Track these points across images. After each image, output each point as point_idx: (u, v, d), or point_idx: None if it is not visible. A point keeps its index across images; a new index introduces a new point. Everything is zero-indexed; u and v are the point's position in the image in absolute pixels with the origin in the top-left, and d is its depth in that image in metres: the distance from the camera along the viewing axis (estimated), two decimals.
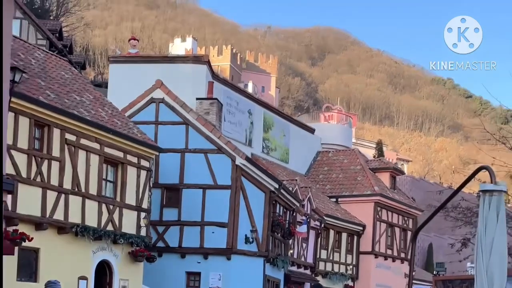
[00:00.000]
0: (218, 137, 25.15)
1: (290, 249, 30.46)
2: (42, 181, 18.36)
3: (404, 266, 39.70)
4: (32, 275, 18.29)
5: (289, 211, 29.23)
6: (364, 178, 37.57)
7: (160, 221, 25.02)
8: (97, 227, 19.98)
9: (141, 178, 21.93)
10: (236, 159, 24.91)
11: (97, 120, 20.36)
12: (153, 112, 25.35)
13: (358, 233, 36.53)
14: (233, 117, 31.73)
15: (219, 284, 24.61)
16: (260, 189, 25.63)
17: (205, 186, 25.03)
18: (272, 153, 35.54)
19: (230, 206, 24.83)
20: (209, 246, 24.76)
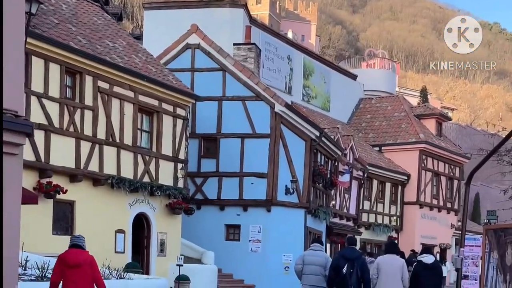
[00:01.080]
0: (256, 83, 24.15)
1: (332, 200, 29.59)
2: (75, 131, 17.67)
3: (450, 216, 38.66)
4: (68, 228, 17.75)
5: (330, 160, 28.26)
6: (408, 125, 36.28)
7: (198, 172, 24.32)
8: (133, 178, 19.31)
9: (177, 127, 21.13)
10: (275, 106, 23.93)
11: (131, 67, 19.49)
12: (189, 59, 24.43)
13: (402, 182, 35.45)
14: (272, 63, 30.57)
15: (259, 237, 23.94)
16: (301, 138, 24.66)
17: (244, 135, 24.17)
18: (313, 101, 34.37)
19: (269, 156, 23.99)
20: (248, 198, 24.06)
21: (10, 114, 7.22)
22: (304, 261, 12.97)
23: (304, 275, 12.89)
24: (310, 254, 13.14)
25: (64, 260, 8.49)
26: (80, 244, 8.70)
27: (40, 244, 16.27)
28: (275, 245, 23.83)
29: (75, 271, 8.36)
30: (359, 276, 11.88)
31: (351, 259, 12.00)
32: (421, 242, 35.83)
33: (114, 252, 18.70)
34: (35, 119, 16.49)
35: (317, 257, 12.90)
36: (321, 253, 13.16)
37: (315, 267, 12.75)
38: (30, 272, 11.10)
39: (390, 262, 12.08)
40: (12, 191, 7.40)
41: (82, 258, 8.56)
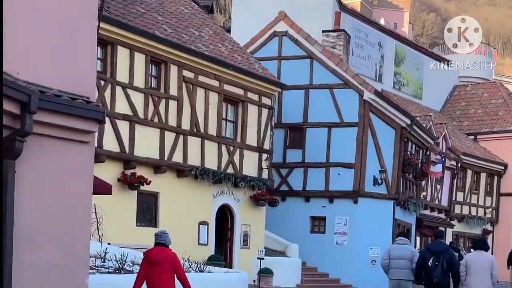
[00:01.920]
0: (345, 70, 23.39)
1: (423, 191, 28.52)
2: (159, 121, 17.54)
3: None
4: (152, 220, 17.72)
5: (422, 149, 27.18)
6: (506, 113, 34.49)
7: (283, 163, 23.86)
8: (217, 169, 19.06)
9: (263, 117, 20.71)
10: (364, 94, 23.12)
11: (216, 56, 19.16)
12: (276, 47, 23.93)
13: (498, 173, 33.81)
14: (362, 50, 29.63)
15: (345, 229, 23.31)
16: (390, 126, 23.75)
17: (331, 124, 23.51)
18: (404, 88, 33.18)
19: (357, 145, 23.27)
20: (334, 189, 23.44)
21: (81, 100, 6.94)
22: (390, 256, 12.92)
23: (391, 269, 12.87)
24: (396, 248, 13.07)
25: (147, 257, 8.97)
26: (163, 242, 8.99)
27: (123, 236, 16.26)
28: (362, 238, 23.17)
29: (157, 267, 8.76)
30: (445, 268, 11.69)
31: (437, 252, 11.83)
32: None
33: (197, 244, 18.55)
34: (120, 110, 16.45)
35: (403, 251, 12.85)
36: (407, 247, 13.09)
37: (402, 261, 12.72)
38: (109, 264, 10.92)
39: (478, 259, 11.84)
40: (84, 180, 7.19)
41: (163, 255, 8.86)
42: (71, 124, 6.93)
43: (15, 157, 6.51)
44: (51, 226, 6.90)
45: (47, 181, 6.87)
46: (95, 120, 7.16)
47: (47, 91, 6.75)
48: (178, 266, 8.95)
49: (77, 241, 7.12)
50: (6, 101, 6.19)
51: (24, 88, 6.40)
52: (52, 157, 6.90)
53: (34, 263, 6.71)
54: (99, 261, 11.07)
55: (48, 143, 6.86)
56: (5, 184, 6.38)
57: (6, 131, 6.38)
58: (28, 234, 6.65)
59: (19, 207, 6.49)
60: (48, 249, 6.87)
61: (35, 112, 6.43)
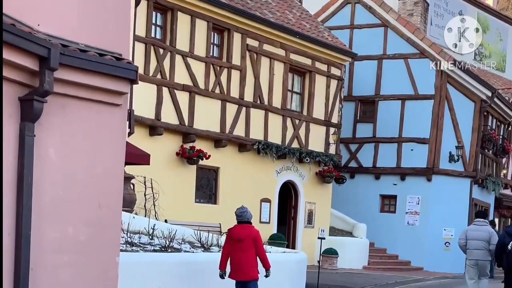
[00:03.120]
0: (421, 39, 21.92)
1: (504, 169, 26.79)
2: (221, 92, 16.69)
3: None
4: (212, 196, 16.98)
5: (503, 124, 25.48)
6: None
7: (352, 138, 22.70)
8: (281, 144, 18.12)
9: (331, 88, 19.58)
10: (441, 64, 21.59)
11: (283, 23, 18.11)
12: (348, 15, 22.65)
13: None
14: (441, 20, 27.80)
15: (417, 209, 22.01)
16: (469, 98, 22.22)
17: (405, 96, 22.16)
18: (486, 60, 31.20)
19: (432, 119, 21.88)
20: (407, 166, 22.16)
21: (110, 56, 6.07)
22: (467, 236, 12.76)
23: (468, 250, 12.74)
24: (473, 229, 12.87)
25: (230, 234, 9.20)
26: (245, 220, 9.16)
27: (181, 213, 15.60)
28: (435, 219, 21.86)
29: (240, 245, 8.96)
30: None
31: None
32: None
33: (259, 222, 17.71)
34: (180, 80, 15.69)
35: (480, 232, 12.64)
36: (485, 228, 12.80)
37: (479, 242, 12.57)
38: (157, 242, 10.15)
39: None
40: (115, 148, 6.35)
41: (245, 233, 9.02)
42: (99, 84, 6.06)
43: (35, 120, 5.72)
44: (77, 198, 6.11)
45: (71, 147, 6.06)
46: (127, 79, 6.28)
47: (71, 45, 5.91)
48: (259, 244, 9.08)
49: (106, 216, 6.31)
50: (22, 56, 5.40)
51: (44, 41, 5.57)
52: (77, 120, 6.06)
53: (57, 238, 5.95)
54: (146, 238, 10.29)
55: (73, 105, 6.02)
56: (21, 148, 5.61)
57: (24, 89, 5.60)
58: (50, 206, 5.88)
59: (39, 175, 5.71)
60: (73, 224, 6.09)
61: (56, 69, 5.60)
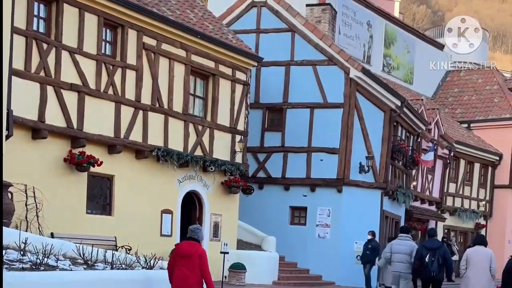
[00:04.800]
0: (329, 45, 21.23)
1: (413, 181, 26.39)
2: (115, 94, 15.28)
3: None
4: (106, 207, 15.47)
5: (412, 135, 25.08)
6: (502, 100, 32.43)
7: (260, 147, 21.73)
8: (182, 151, 16.84)
9: (237, 94, 18.49)
10: (350, 71, 20.95)
11: (183, 22, 16.89)
12: (254, 19, 21.76)
13: (493, 163, 31.76)
14: (349, 29, 27.42)
15: (327, 221, 21.19)
16: (379, 108, 21.65)
17: (313, 104, 21.38)
18: (394, 72, 31.00)
19: (342, 128, 21.17)
20: (317, 177, 21.35)
21: None
22: (392, 250, 14.26)
23: (392, 262, 14.25)
24: (397, 243, 14.37)
25: (177, 249, 9.24)
26: (195, 237, 9.15)
27: (71, 225, 14.10)
28: (346, 231, 21.10)
29: (186, 261, 8.94)
30: (440, 263, 13.36)
31: (433, 249, 13.41)
32: None
33: (159, 235, 16.43)
34: (67, 78, 14.23)
35: (403, 246, 14.13)
36: (408, 242, 14.27)
37: (402, 255, 13.98)
38: (29, 258, 8.62)
39: (478, 253, 12.69)
40: None
41: (192, 250, 8.99)
42: None
43: None
44: None
45: None
46: None
47: None
48: (204, 262, 9.01)
49: None
50: None
51: None
52: None
53: None
54: (16, 254, 8.76)
55: None
56: None
57: None
58: None
59: None
60: None
61: None
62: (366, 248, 19.67)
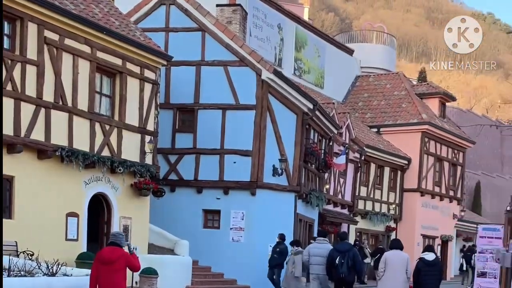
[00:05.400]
0: (241, 46, 20.86)
1: (326, 184, 26.35)
2: (14, 90, 14.34)
3: (453, 205, 35.59)
4: (6, 210, 14.41)
5: (325, 139, 25.05)
6: (409, 105, 33.06)
7: (172, 148, 21.08)
8: (89, 151, 16.01)
9: (146, 92, 17.82)
10: (262, 73, 20.67)
11: (87, 16, 16.12)
12: (163, 17, 21.12)
13: (402, 167, 32.26)
14: (260, 31, 27.21)
15: (241, 224, 20.73)
16: (291, 110, 21.45)
17: (225, 106, 20.92)
18: (305, 75, 31.04)
19: (255, 131, 20.77)
20: (230, 179, 20.84)
21: None
22: (310, 253, 14.73)
23: (311, 265, 14.66)
24: (315, 247, 14.86)
25: (99, 256, 9.10)
26: (117, 242, 9.10)
27: None
28: (261, 235, 20.68)
29: (109, 267, 8.83)
30: (350, 265, 13.93)
31: (343, 252, 14.07)
32: (422, 233, 32.81)
33: (64, 239, 15.54)
34: None
35: (321, 249, 14.57)
36: (325, 245, 14.74)
37: (320, 258, 14.39)
38: None
39: (395, 257, 13.27)
40: None
41: (116, 255, 8.93)
42: None
43: None
44: None
45: None
46: None
47: None
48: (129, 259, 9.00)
49: None
50: None
51: None
52: None
53: None
54: None
55: None
56: None
57: None
58: None
59: None
60: None
61: None
62: (274, 252, 19.39)
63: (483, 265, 14.31)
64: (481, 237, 14.53)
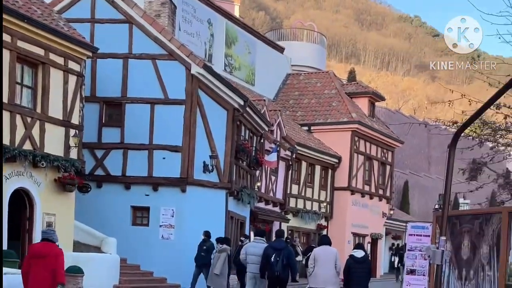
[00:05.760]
0: (170, 39, 20.41)
1: (258, 182, 26.11)
2: None
3: (382, 204, 35.98)
4: None
5: (256, 136, 24.82)
6: (340, 104, 33.22)
7: (98, 143, 20.45)
8: (9, 145, 15.20)
9: (70, 85, 17.11)
10: (191, 67, 20.26)
11: (7, 4, 15.33)
12: (88, 7, 20.44)
13: (333, 166, 32.38)
14: (190, 26, 26.76)
15: (171, 222, 20.26)
16: (222, 106, 21.13)
17: (154, 100, 20.43)
18: (236, 72, 30.75)
19: (184, 126, 20.39)
20: (159, 175, 20.37)
21: None
22: (247, 252, 14.75)
23: (248, 264, 14.66)
24: (252, 246, 15.00)
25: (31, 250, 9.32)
26: (50, 239, 9.22)
27: None
28: (191, 232, 20.15)
29: (40, 261, 8.90)
30: (285, 263, 13.92)
31: (278, 249, 14.06)
32: (352, 231, 33.00)
33: None
34: None
35: (257, 248, 14.55)
36: (262, 245, 14.71)
37: (256, 257, 14.38)
38: None
39: (324, 252, 13.45)
40: None
41: (48, 250, 9.03)
42: None
43: None
44: None
45: None
46: None
47: None
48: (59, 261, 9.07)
49: None
50: None
51: None
52: None
53: None
54: None
55: None
56: None
57: None
58: None
59: None
60: None
61: None
62: (201, 250, 18.96)
63: (412, 263, 14.46)
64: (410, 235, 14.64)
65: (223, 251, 17.87)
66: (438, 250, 11.71)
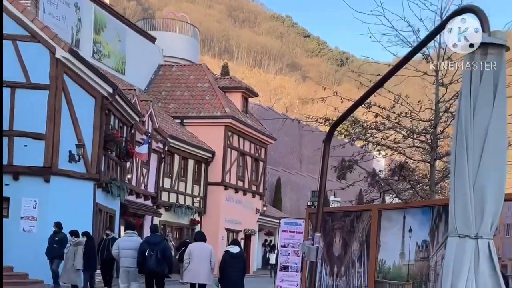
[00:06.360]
0: (32, 20, 19.08)
1: (128, 174, 25.08)
2: None
3: (255, 200, 35.86)
4: None
5: (126, 126, 23.80)
6: (213, 98, 32.70)
7: None
8: None
9: None
10: (56, 51, 19.02)
11: None
12: None
13: (206, 160, 31.83)
14: (56, 9, 25.25)
15: (34, 213, 18.95)
16: (89, 93, 20.08)
17: (15, 84, 19.06)
18: (105, 60, 29.43)
19: (48, 113, 19.20)
20: (20, 164, 19.03)
21: None
22: (120, 247, 14.52)
23: (121, 258, 14.49)
24: (124, 240, 14.85)
25: None
26: None
27: None
28: None
29: None
30: (159, 258, 13.97)
31: (153, 244, 14.13)
32: (226, 226, 32.62)
33: None
34: None
35: (131, 242, 14.53)
36: (134, 238, 14.81)
37: (130, 252, 14.30)
38: None
39: (200, 248, 13.83)
40: None
41: None
42: None
43: None
44: None
45: None
46: None
47: None
48: None
49: None
50: None
51: None
52: None
53: None
54: None
55: None
56: None
57: None
58: None
59: None
60: None
61: None
62: (53, 241, 17.82)
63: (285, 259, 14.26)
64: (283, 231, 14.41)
65: (79, 244, 17.18)
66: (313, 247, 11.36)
